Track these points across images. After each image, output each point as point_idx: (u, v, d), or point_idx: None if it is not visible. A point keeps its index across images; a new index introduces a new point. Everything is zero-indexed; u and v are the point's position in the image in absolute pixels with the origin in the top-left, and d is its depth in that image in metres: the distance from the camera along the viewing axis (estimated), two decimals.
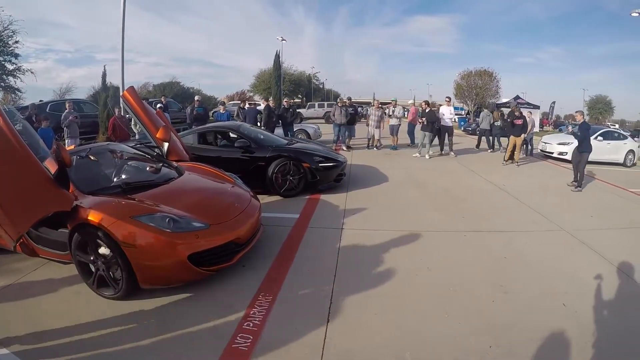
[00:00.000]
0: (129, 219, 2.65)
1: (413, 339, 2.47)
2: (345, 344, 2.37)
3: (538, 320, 2.72)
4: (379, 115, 11.16)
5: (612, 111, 47.35)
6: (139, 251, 2.59)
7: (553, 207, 5.79)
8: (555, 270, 3.57)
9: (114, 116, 8.51)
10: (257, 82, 44.89)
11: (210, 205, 3.28)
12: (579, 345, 2.46)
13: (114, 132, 8.11)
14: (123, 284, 2.68)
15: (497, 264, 3.63)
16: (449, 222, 4.86)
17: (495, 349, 2.38)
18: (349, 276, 3.26)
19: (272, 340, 2.35)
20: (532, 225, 4.88)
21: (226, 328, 2.44)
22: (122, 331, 2.44)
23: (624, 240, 4.52)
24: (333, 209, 5.22)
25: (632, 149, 11.32)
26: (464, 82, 36.71)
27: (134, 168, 3.78)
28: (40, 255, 3.15)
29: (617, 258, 3.85)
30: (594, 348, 2.43)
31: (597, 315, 2.81)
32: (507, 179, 7.83)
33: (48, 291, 2.94)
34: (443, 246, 4.06)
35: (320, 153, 6.14)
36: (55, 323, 2.51)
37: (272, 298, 2.83)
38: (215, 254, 2.89)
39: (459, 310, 2.80)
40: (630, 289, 3.28)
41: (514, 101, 14.79)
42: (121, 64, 9.86)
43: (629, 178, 9.12)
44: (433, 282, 3.23)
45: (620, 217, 5.55)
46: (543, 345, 2.44)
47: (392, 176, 7.52)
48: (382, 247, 3.95)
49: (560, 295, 3.07)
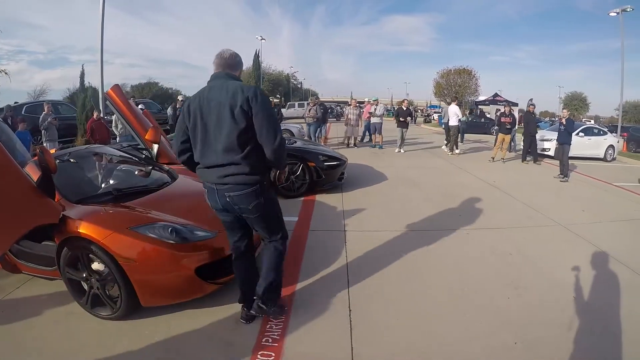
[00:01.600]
0: (126, 230, 2.37)
1: (439, 342, 2.38)
2: (374, 353, 2.24)
3: (552, 313, 2.73)
4: (357, 114, 11.45)
5: (587, 107, 48.97)
6: (139, 266, 2.32)
7: (545, 202, 5.93)
8: (559, 263, 3.61)
9: (92, 118, 8.02)
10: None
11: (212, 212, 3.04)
12: (594, 333, 2.50)
13: (92, 135, 7.65)
14: (122, 303, 2.39)
15: (503, 261, 3.62)
16: (448, 220, 4.84)
17: (520, 345, 2.35)
18: (362, 280, 3.13)
19: (296, 355, 2.18)
20: (528, 221, 4.95)
21: (243, 346, 2.24)
22: (127, 355, 2.19)
23: (617, 231, 4.69)
24: (331, 210, 5.09)
25: (612, 144, 11.83)
26: (443, 80, 37.41)
27: (124, 173, 3.48)
28: (22, 271, 2.83)
29: (613, 249, 3.97)
30: (609, 335, 2.47)
31: (605, 305, 2.87)
32: (496, 175, 7.98)
33: (36, 312, 2.60)
34: (447, 245, 4.02)
35: (324, 152, 6.03)
36: (51, 348, 2.24)
37: (287, 308, 2.65)
38: (222, 265, 2.65)
39: (476, 310, 2.75)
40: (629, 277, 3.37)
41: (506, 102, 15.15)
42: (100, 65, 9.33)
43: (611, 172, 9.53)
44: (445, 283, 3.17)
45: (609, 210, 5.74)
46: (563, 337, 2.44)
47: (384, 175, 7.48)
48: (389, 248, 3.86)
49: (568, 288, 3.11)
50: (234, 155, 2.06)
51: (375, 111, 12.05)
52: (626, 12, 16.15)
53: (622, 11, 16.20)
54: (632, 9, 16.03)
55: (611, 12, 17.02)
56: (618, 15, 16.50)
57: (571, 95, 49.57)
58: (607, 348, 2.35)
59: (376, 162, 8.84)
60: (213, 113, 2.06)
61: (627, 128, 20.12)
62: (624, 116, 40.70)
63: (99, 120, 8.01)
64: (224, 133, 2.04)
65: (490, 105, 21.41)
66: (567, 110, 8.90)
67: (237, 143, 2.04)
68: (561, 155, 8.16)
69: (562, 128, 8.26)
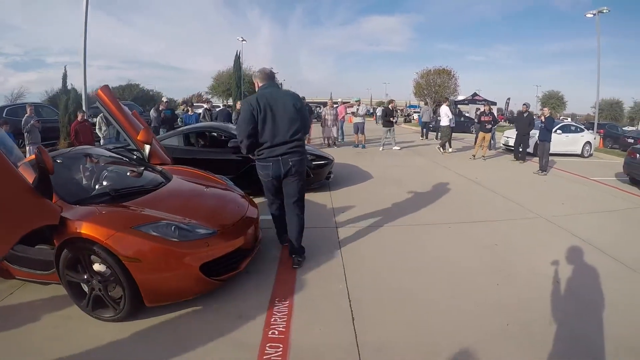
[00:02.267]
0: (129, 229, 2.37)
1: (438, 324, 2.52)
2: (377, 340, 2.33)
3: (539, 298, 2.91)
4: (334, 115, 11.66)
5: (564, 106, 50.39)
6: (144, 265, 2.32)
7: (525, 196, 6.19)
8: (542, 253, 3.82)
9: (77, 120, 7.81)
10: (216, 83, 43.95)
11: (212, 210, 3.07)
12: (579, 315, 2.69)
13: (76, 137, 7.45)
14: (125, 304, 2.38)
15: (490, 252, 3.80)
16: (434, 214, 5.01)
17: (512, 327, 2.50)
18: (358, 273, 3.24)
19: (303, 346, 2.24)
20: (510, 214, 5.18)
21: (251, 339, 2.28)
22: (133, 355, 2.18)
23: (595, 222, 4.98)
24: (321, 208, 5.18)
25: (588, 140, 12.30)
26: (423, 80, 38.09)
27: (119, 173, 3.43)
28: (16, 276, 2.77)
29: (592, 238, 4.23)
30: (593, 317, 2.67)
31: (587, 289, 3.08)
32: (477, 172, 8.25)
33: (33, 318, 2.53)
34: (436, 238, 4.18)
35: (312, 151, 6.09)
36: (53, 354, 2.19)
37: (289, 303, 2.72)
38: (225, 261, 2.69)
39: (469, 297, 2.91)
40: (608, 263, 3.61)
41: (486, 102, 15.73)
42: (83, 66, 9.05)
43: (588, 167, 9.99)
44: (437, 273, 3.32)
45: (587, 203, 6.08)
46: (550, 320, 2.62)
47: (369, 174, 7.63)
48: (381, 242, 3.99)
49: (552, 275, 3.31)
50: (295, 135, 3.08)
51: (358, 111, 12.33)
52: (602, 13, 16.92)
53: (599, 12, 16.97)
54: (609, 10, 16.82)
55: (588, 14, 17.78)
56: (594, 16, 17.24)
57: (548, 94, 51.10)
58: (592, 328, 2.52)
59: (360, 162, 8.98)
60: (280, 107, 3.04)
61: (603, 125, 20.98)
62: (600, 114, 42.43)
63: (84, 122, 7.81)
64: (289, 121, 3.05)
65: (470, 104, 21.98)
66: (548, 109, 9.54)
67: (297, 128, 3.09)
68: (541, 151, 8.60)
69: (542, 126, 8.70)
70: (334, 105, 12.40)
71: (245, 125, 2.99)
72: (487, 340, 2.36)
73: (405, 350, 2.25)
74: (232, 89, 34.59)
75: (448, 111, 11.23)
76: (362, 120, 11.95)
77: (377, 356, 2.19)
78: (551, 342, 2.35)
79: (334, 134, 11.84)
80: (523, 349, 2.28)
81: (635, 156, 7.73)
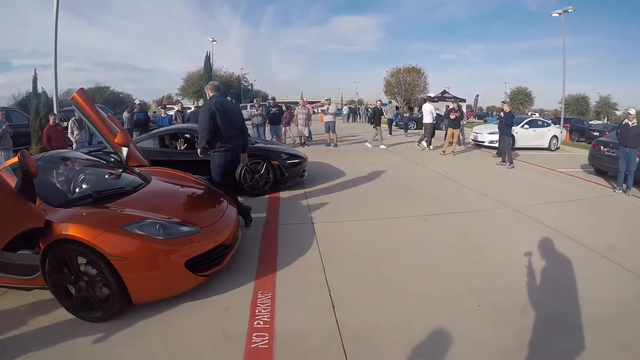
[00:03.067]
0: (115, 229, 2.43)
1: (414, 307, 2.73)
2: (358, 323, 2.50)
3: (509, 281, 3.16)
4: (307, 114, 11.83)
5: (532, 101, 52.84)
6: (131, 264, 2.39)
7: (494, 189, 6.55)
8: (511, 240, 4.13)
9: (49, 124, 7.60)
10: (187, 85, 43.43)
11: (193, 209, 3.18)
12: (548, 295, 2.96)
13: (49, 142, 7.26)
14: (113, 303, 2.44)
15: (461, 240, 4.06)
16: (407, 208, 5.24)
17: (484, 307, 2.74)
18: (336, 264, 3.40)
19: (288, 334, 2.38)
20: (480, 205, 5.49)
21: (238, 330, 2.40)
22: (126, 354, 2.23)
23: (561, 211, 5.36)
24: (297, 205, 5.31)
25: (555, 134, 12.86)
26: (393, 79, 38.75)
27: (98, 176, 3.45)
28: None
29: (558, 225, 4.58)
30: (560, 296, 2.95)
31: (554, 272, 3.37)
32: (447, 167, 8.59)
33: (21, 323, 2.51)
34: (409, 230, 4.40)
35: (286, 151, 6.22)
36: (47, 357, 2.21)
37: (272, 294, 2.84)
38: (208, 258, 2.79)
39: (442, 281, 3.14)
40: (572, 247, 3.94)
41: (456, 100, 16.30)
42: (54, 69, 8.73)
43: (554, 160, 10.56)
44: (412, 261, 3.53)
45: (553, 193, 6.48)
46: (519, 299, 2.87)
47: (342, 171, 7.78)
48: (356, 235, 4.18)
49: (520, 259, 3.59)
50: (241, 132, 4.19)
51: (328, 110, 12.58)
52: (568, 12, 17.75)
53: (564, 12, 17.81)
54: (574, 10, 17.67)
55: (554, 13, 18.64)
56: (560, 16, 18.04)
57: (516, 90, 53.28)
58: (559, 306, 2.79)
59: (333, 160, 9.13)
60: (230, 111, 4.01)
61: (570, 119, 22.12)
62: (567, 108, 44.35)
63: (56, 127, 7.60)
64: (237, 121, 4.11)
65: (439, 102, 22.56)
66: (507, 105, 10.05)
67: (242, 127, 4.21)
68: (503, 145, 9.21)
69: (500, 121, 9.38)
70: (305, 105, 12.52)
71: (208, 124, 3.78)
72: (460, 319, 2.58)
73: (384, 332, 2.43)
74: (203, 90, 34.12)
75: (432, 109, 11.60)
76: (332, 119, 12.19)
77: (357, 338, 2.35)
78: (520, 319, 2.60)
79: (305, 133, 11.98)
80: (494, 327, 2.51)
81: (600, 148, 8.21)
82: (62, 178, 3.20)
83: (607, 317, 2.66)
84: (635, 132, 6.55)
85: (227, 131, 3.93)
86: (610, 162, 7.79)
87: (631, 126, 6.62)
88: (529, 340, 2.37)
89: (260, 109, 11.16)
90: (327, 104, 13.04)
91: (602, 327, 2.52)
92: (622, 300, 2.92)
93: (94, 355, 2.22)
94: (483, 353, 2.25)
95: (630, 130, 6.60)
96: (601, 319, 2.63)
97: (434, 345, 2.32)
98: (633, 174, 6.61)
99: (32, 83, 10.08)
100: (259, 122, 11.06)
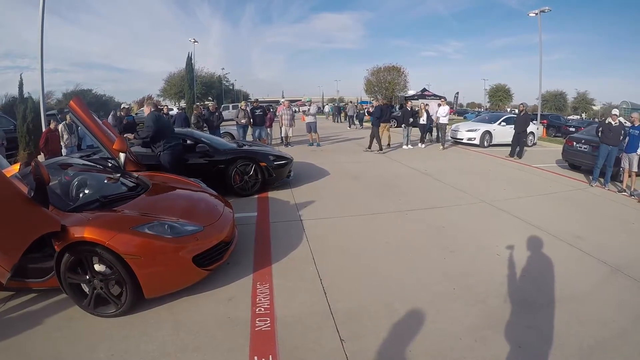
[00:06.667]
0: (129, 230, 2.67)
1: (397, 291, 3.10)
2: (347, 305, 2.86)
3: (482, 268, 3.56)
4: (291, 114, 12.09)
5: (511, 98, 53.48)
6: (145, 261, 2.63)
7: (470, 184, 6.99)
8: (485, 231, 4.54)
9: (49, 128, 7.67)
10: (168, 86, 43.02)
11: (194, 210, 3.43)
12: (517, 279, 3.36)
13: (45, 145, 7.36)
14: (127, 298, 2.67)
15: (438, 233, 4.46)
16: (389, 204, 5.60)
17: (458, 290, 3.13)
18: (326, 256, 3.73)
19: (287, 317, 2.70)
20: (457, 200, 5.91)
21: (242, 316, 2.70)
22: (141, 343, 2.45)
23: (532, 205, 5.80)
24: (285, 204, 5.59)
25: (532, 131, 13.28)
26: (373, 77, 39.09)
27: (102, 182, 3.67)
28: (6, 287, 2.84)
29: (529, 217, 5.03)
30: (529, 280, 3.35)
31: (523, 259, 3.77)
32: (426, 164, 9.02)
33: (36, 323, 2.67)
34: (391, 224, 4.77)
35: (273, 152, 6.49)
36: (66, 353, 2.37)
37: (269, 285, 3.15)
38: (211, 253, 3.06)
39: (421, 268, 3.52)
40: (542, 237, 4.36)
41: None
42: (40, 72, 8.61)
43: (530, 156, 11.05)
44: (394, 251, 3.91)
45: (527, 188, 6.93)
46: (490, 283, 3.26)
47: (326, 170, 8.11)
48: (343, 230, 4.52)
49: (493, 249, 3.99)
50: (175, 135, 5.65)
51: (309, 111, 12.85)
52: (544, 12, 18.47)
53: (541, 12, 18.55)
54: (550, 10, 18.40)
55: (530, 13, 19.35)
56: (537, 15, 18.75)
57: (495, 87, 54.25)
58: (526, 288, 3.19)
59: (317, 159, 9.42)
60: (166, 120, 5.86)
61: (547, 116, 22.73)
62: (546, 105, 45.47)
63: (55, 131, 7.71)
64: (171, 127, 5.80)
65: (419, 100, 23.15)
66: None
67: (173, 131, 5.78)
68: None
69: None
70: (290, 105, 12.75)
71: (154, 128, 5.17)
72: (437, 300, 2.96)
73: (370, 311, 2.79)
74: (184, 91, 33.95)
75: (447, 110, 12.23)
76: (314, 119, 12.47)
77: (347, 318, 2.70)
78: (490, 300, 2.98)
79: (289, 133, 12.22)
80: (467, 306, 2.90)
81: (573, 144, 8.76)
82: (68, 184, 3.41)
83: (568, 297, 3.05)
84: (617, 131, 7.07)
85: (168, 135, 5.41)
86: (583, 158, 8.33)
87: (614, 125, 7.13)
88: (497, 317, 2.75)
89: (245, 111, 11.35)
90: (308, 105, 13.25)
91: (563, 306, 2.91)
92: (583, 283, 3.32)
93: (112, 346, 2.42)
94: (457, 327, 2.62)
95: (613, 129, 7.11)
96: (563, 299, 3.02)
97: (414, 320, 2.69)
98: (612, 169, 7.17)
99: (19, 88, 10.01)
100: (244, 123, 11.26)
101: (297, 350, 2.36)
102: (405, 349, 2.38)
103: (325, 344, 2.43)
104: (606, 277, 3.47)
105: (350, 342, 2.44)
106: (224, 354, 2.33)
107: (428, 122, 12.40)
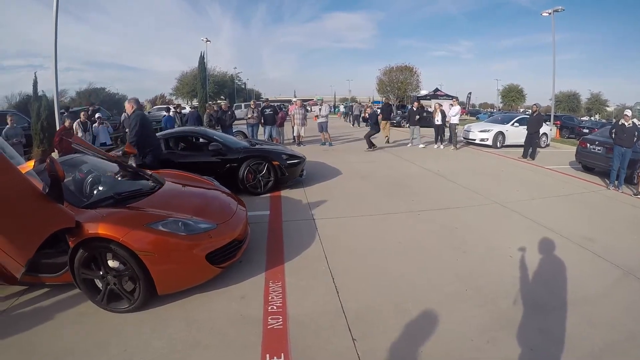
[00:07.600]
0: (143, 227, 2.69)
1: (408, 291, 3.07)
2: (359, 305, 2.84)
3: (493, 269, 3.51)
4: (303, 114, 12.18)
5: (524, 98, 52.49)
6: (159, 258, 2.65)
7: (483, 185, 6.91)
8: (497, 233, 4.48)
9: (64, 126, 7.83)
10: (180, 85, 43.40)
11: (208, 208, 3.44)
12: (528, 280, 3.31)
13: (60, 142, 7.51)
14: (140, 294, 2.69)
15: (450, 233, 4.40)
16: (401, 205, 5.56)
17: (470, 291, 3.09)
18: (338, 256, 3.72)
19: (299, 315, 2.70)
20: (469, 201, 5.84)
21: (254, 314, 2.70)
22: (153, 339, 2.47)
23: (545, 207, 5.70)
24: (297, 203, 5.60)
25: (545, 132, 13.00)
26: (385, 77, 38.87)
27: (116, 179, 3.72)
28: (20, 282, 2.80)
29: (541, 219, 4.94)
30: (538, 282, 3.29)
31: (534, 261, 3.70)
32: (438, 164, 8.95)
33: (48, 318, 2.71)
34: (404, 224, 4.73)
35: (285, 151, 6.50)
36: (79, 348, 2.40)
37: (282, 283, 3.16)
38: (224, 251, 3.07)
39: (432, 269, 3.48)
40: (554, 239, 4.28)
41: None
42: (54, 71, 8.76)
43: (544, 157, 10.86)
44: (406, 251, 3.88)
45: (540, 189, 6.81)
46: (502, 284, 3.21)
47: (338, 170, 8.09)
48: (355, 230, 4.50)
49: (505, 250, 3.93)
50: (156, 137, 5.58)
51: (321, 111, 12.89)
52: (557, 12, 18.14)
53: (554, 11, 18.22)
54: (563, 9, 18.06)
55: (544, 13, 18.97)
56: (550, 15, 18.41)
57: (508, 87, 53.09)
58: (538, 290, 3.14)
59: (328, 159, 9.42)
60: (149, 121, 5.27)
61: (560, 117, 22.36)
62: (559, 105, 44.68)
63: (70, 130, 7.86)
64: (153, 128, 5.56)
65: (432, 100, 23.00)
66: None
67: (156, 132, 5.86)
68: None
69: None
70: (303, 105, 12.85)
71: (139, 130, 4.83)
72: (448, 301, 2.93)
73: (382, 311, 2.77)
74: (197, 90, 34.20)
75: (459, 110, 12.28)
76: (325, 119, 12.52)
77: (359, 318, 2.68)
78: (501, 301, 2.94)
79: (302, 132, 12.27)
80: (477, 307, 2.86)
81: (586, 145, 8.58)
82: (83, 181, 3.45)
83: (580, 300, 2.99)
84: (630, 132, 6.89)
85: (153, 138, 5.30)
86: (596, 159, 8.14)
87: (627, 127, 6.96)
88: (509, 319, 2.71)
89: (256, 110, 11.43)
90: (320, 104, 13.29)
91: (575, 309, 2.86)
92: (595, 286, 3.26)
93: (124, 342, 2.44)
94: (468, 328, 2.58)
95: (626, 130, 6.94)
96: (574, 302, 2.96)
97: (425, 321, 2.66)
98: (625, 171, 6.99)
99: (33, 86, 10.22)
100: (254, 122, 11.32)
101: (309, 349, 2.35)
102: (417, 350, 2.36)
103: (337, 343, 2.42)
104: (618, 279, 3.41)
105: (362, 341, 2.43)
106: (236, 352, 2.34)
107: (443, 123, 12.28)
